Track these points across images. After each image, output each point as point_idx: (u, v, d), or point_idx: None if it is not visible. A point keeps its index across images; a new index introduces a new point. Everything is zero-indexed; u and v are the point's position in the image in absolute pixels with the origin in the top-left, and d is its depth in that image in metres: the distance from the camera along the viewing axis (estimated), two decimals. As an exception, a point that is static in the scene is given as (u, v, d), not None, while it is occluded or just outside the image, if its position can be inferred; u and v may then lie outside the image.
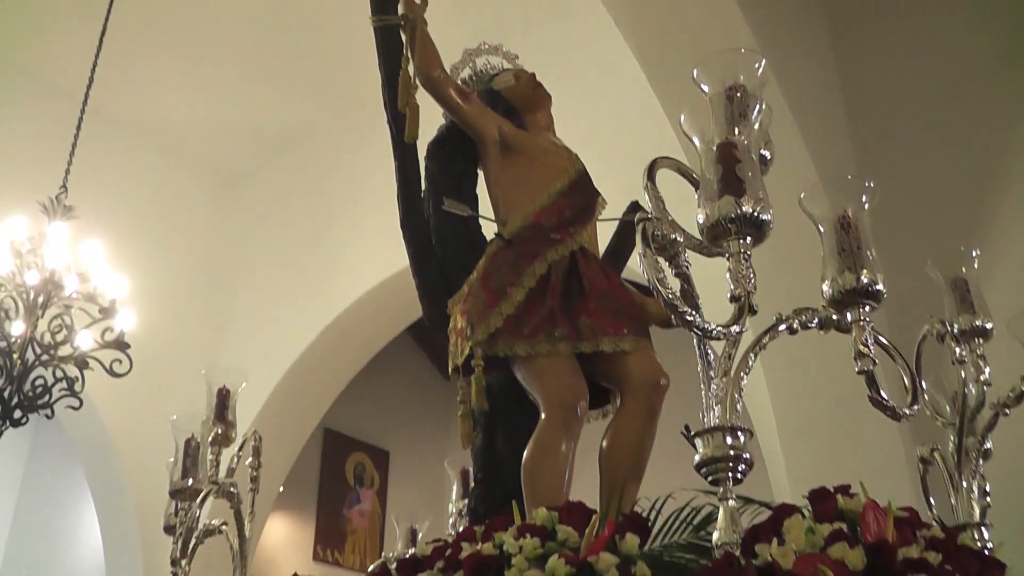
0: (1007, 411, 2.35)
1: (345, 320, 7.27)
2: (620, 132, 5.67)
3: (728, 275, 1.52)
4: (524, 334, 2.42)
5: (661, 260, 1.56)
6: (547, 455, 2.31)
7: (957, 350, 2.25)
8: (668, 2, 4.62)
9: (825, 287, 1.73)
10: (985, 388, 2.27)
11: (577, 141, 2.93)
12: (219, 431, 2.82)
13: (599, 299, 2.52)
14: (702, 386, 1.70)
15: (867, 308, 1.72)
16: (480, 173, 2.88)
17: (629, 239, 3.02)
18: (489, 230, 2.83)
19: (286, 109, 7.93)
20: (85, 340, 4.76)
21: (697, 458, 1.66)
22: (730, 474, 1.63)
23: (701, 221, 1.54)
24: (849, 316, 1.72)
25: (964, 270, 2.37)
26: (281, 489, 7.32)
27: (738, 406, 1.68)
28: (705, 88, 1.73)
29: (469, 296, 2.54)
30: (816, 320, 1.74)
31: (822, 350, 3.89)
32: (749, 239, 1.53)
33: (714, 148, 1.57)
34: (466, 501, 2.59)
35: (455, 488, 3.43)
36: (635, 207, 3.03)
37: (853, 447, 4.16)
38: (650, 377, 2.40)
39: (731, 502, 1.63)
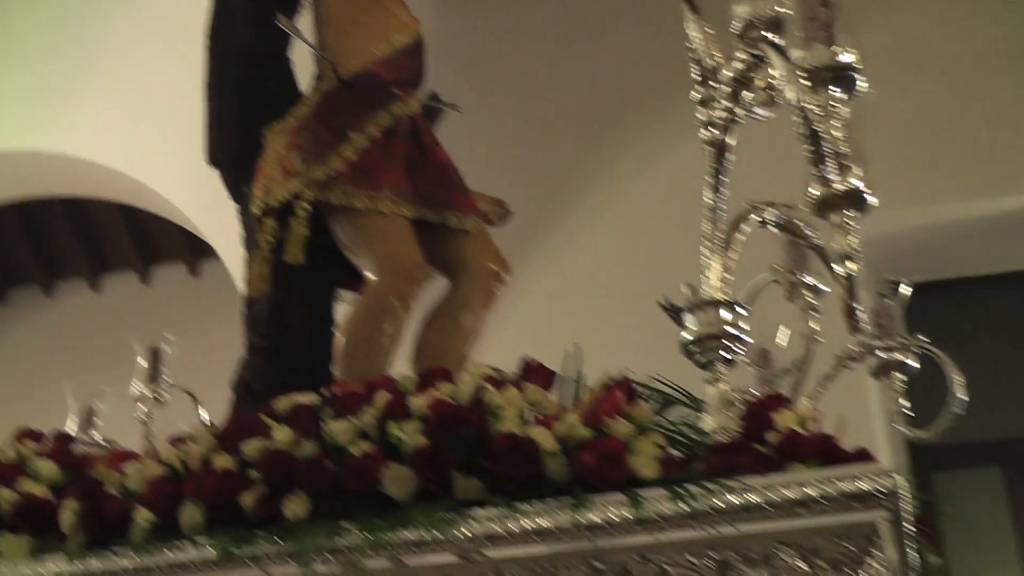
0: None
1: None
2: None
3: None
4: (365, 185, 2.07)
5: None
6: (375, 326, 2.00)
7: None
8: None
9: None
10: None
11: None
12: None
13: (440, 171, 2.24)
14: (704, 250, 1.51)
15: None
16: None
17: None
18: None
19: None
20: None
21: (686, 336, 1.47)
22: (723, 352, 1.46)
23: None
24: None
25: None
26: None
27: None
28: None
29: (301, 130, 2.14)
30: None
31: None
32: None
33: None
34: (241, 373, 2.14)
35: (140, 367, 2.89)
36: (435, 97, 2.77)
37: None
38: (494, 265, 2.17)
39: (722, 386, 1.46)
